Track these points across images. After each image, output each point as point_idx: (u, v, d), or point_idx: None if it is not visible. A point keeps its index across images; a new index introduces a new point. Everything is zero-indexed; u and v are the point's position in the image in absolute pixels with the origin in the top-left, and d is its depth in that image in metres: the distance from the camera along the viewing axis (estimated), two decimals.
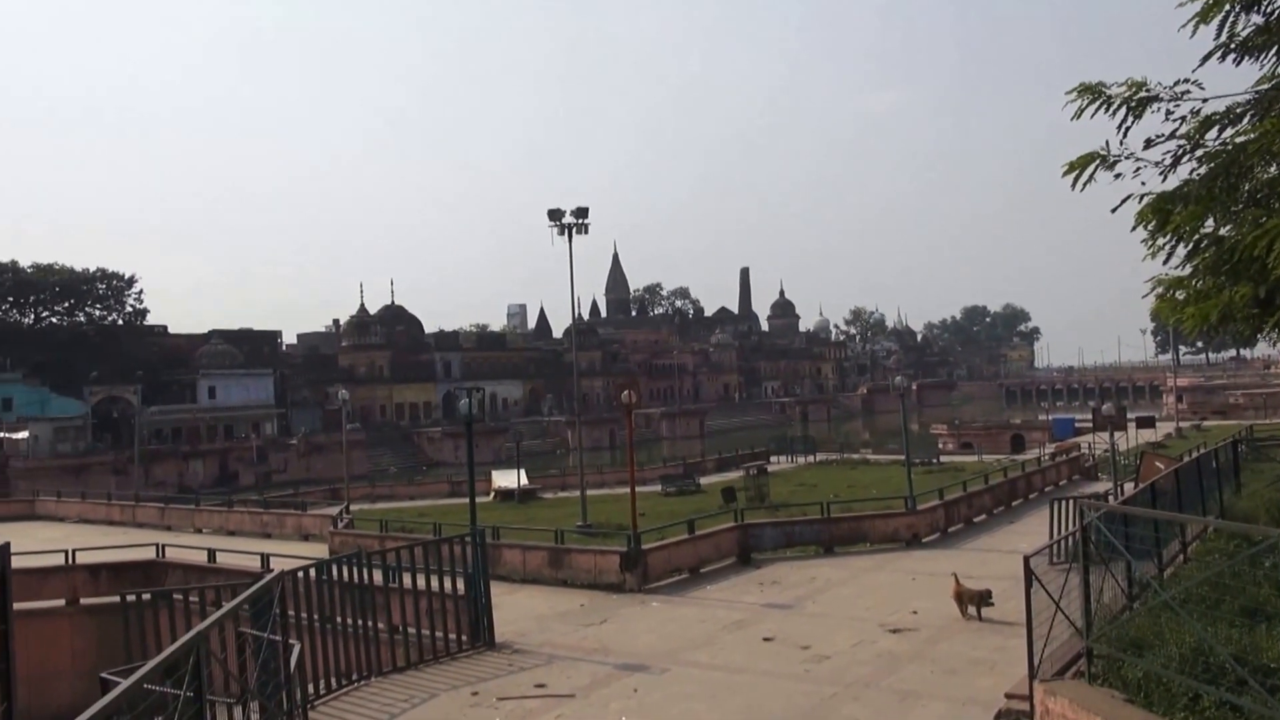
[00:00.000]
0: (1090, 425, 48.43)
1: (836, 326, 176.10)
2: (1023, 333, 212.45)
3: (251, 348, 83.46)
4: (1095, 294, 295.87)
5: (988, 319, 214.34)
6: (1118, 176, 9.37)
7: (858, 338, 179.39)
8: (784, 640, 13.23)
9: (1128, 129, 9.24)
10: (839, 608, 15.30)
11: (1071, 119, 9.40)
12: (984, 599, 13.71)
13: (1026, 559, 7.62)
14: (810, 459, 45.75)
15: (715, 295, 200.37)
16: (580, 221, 28.95)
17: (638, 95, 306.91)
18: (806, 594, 16.43)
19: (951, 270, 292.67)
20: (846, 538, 20.93)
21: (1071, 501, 16.92)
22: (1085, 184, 9.51)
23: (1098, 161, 9.36)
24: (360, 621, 12.09)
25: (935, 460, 41.59)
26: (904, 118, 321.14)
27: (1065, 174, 9.53)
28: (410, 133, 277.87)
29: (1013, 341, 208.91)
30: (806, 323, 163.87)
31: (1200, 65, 8.93)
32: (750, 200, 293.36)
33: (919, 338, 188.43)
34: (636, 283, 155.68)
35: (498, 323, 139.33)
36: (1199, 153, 9.16)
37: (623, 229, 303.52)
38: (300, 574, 11.60)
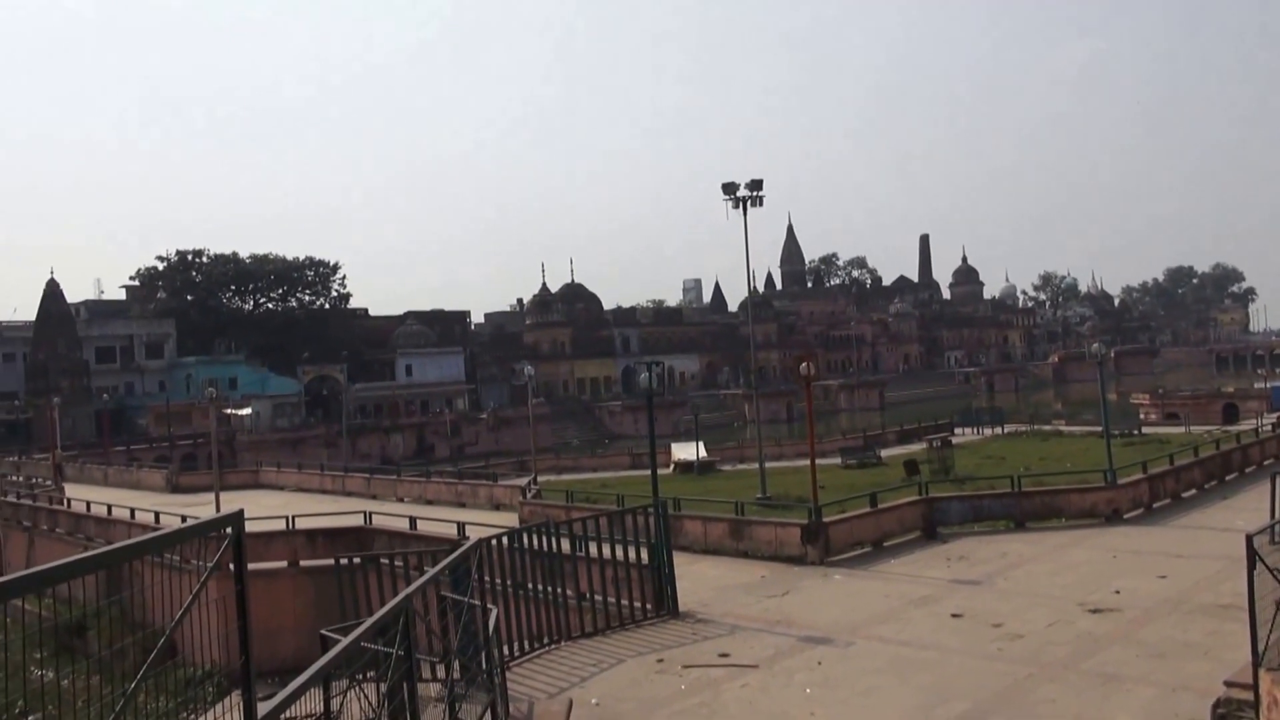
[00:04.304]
0: None
1: (1024, 293, 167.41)
2: (1235, 294, 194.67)
3: (443, 328, 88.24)
4: None
5: (1194, 280, 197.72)
6: None
7: (1047, 304, 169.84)
8: (973, 617, 12.82)
9: None
10: (1032, 585, 14.67)
11: None
12: None
13: (1249, 537, 7.10)
14: (997, 430, 43.94)
15: (893, 264, 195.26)
16: (755, 194, 28.76)
17: (821, 68, 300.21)
18: (996, 570, 15.83)
19: (1152, 229, 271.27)
20: (1039, 512, 19.99)
21: None
22: None
23: None
24: (550, 588, 12.60)
25: (1136, 431, 39.01)
26: (1100, 68, 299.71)
27: None
28: (584, 114, 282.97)
29: (1224, 304, 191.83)
30: (991, 290, 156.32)
31: None
32: (929, 164, 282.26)
33: (1116, 302, 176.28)
34: (811, 254, 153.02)
35: (673, 298, 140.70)
36: None
37: (798, 200, 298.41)
38: (494, 542, 12.19)
